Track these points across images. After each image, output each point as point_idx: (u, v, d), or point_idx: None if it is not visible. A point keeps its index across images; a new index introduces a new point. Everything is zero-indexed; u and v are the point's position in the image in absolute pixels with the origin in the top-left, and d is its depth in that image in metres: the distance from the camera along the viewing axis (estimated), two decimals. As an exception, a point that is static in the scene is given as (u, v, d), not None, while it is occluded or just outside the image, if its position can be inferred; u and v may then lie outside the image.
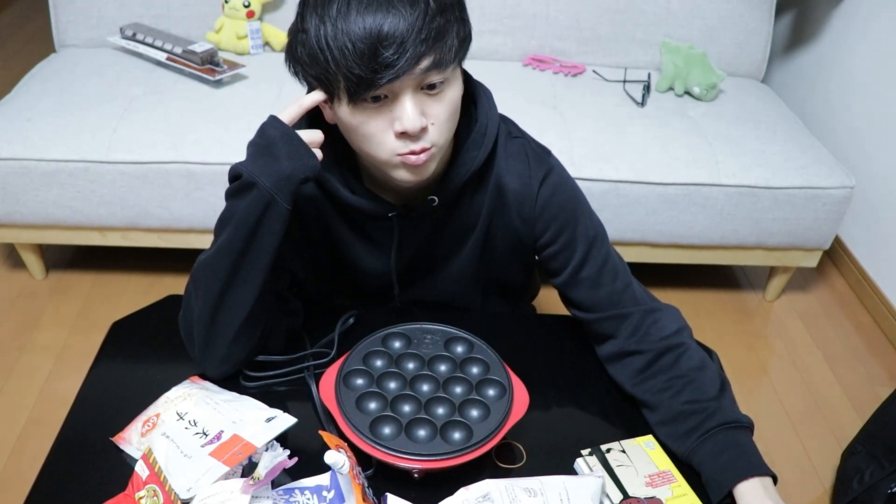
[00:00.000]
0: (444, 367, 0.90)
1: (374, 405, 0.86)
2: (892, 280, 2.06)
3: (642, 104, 2.04)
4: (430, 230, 1.01)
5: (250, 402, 0.88)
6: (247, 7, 2.05)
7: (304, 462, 0.79)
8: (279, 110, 0.86)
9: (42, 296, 2.00)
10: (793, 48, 2.52)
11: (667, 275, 2.15)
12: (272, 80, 1.96)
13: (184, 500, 0.76)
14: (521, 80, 2.13)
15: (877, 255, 2.12)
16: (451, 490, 0.77)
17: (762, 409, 1.82)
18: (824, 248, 1.98)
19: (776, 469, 0.86)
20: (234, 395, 0.90)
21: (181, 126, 1.79)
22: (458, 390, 0.88)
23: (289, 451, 0.77)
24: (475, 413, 0.85)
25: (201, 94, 1.92)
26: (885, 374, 1.94)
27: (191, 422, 0.83)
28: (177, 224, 1.84)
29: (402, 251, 1.02)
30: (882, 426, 1.47)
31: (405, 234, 1.00)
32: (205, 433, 0.81)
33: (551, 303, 1.18)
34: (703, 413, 0.89)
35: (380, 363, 0.90)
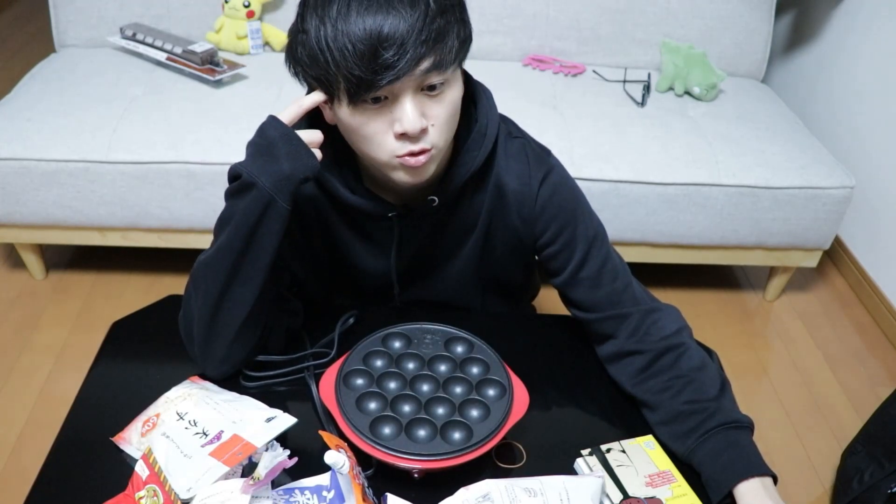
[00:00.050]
0: (444, 367, 0.90)
1: (374, 405, 0.86)
2: (892, 280, 2.06)
3: (642, 104, 2.04)
4: (430, 230, 1.01)
5: (250, 402, 0.88)
6: (247, 7, 2.05)
7: (304, 462, 0.79)
8: (279, 110, 0.86)
9: (42, 296, 2.00)
10: (793, 48, 2.52)
11: (667, 275, 2.15)
12: (272, 81, 1.96)
13: (184, 500, 0.76)
14: (521, 80, 2.13)
15: (877, 255, 2.12)
16: (451, 490, 0.77)
17: (762, 409, 1.82)
18: (824, 248, 1.98)
19: (776, 469, 0.86)
20: (234, 395, 0.90)
21: (181, 126, 1.79)
22: (458, 390, 0.88)
23: (289, 451, 0.77)
24: (475, 413, 0.85)
25: (201, 94, 1.92)
26: (885, 374, 1.94)
27: (191, 422, 0.83)
28: (177, 224, 1.84)
29: (402, 251, 1.02)
30: (882, 426, 1.47)
31: (405, 234, 1.00)
32: (205, 433, 0.81)
33: (551, 303, 1.17)
34: (703, 413, 0.89)
35: (380, 363, 0.90)
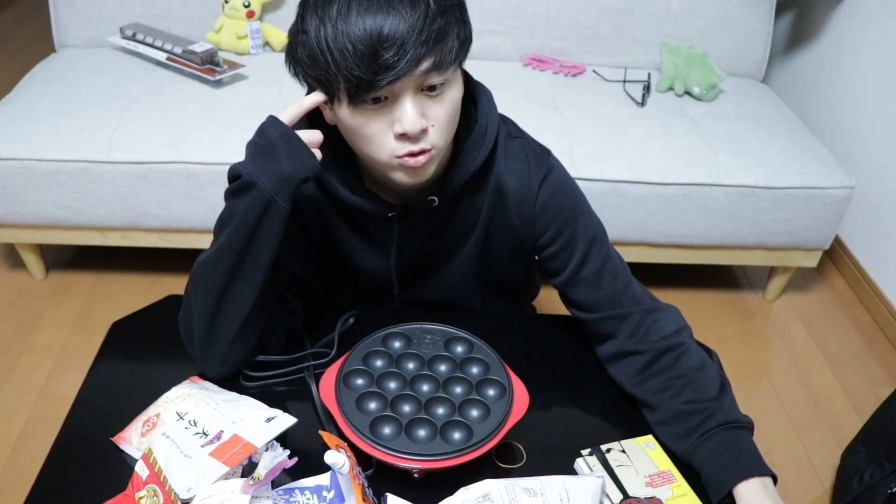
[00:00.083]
0: (444, 367, 0.90)
1: (374, 405, 0.86)
2: (892, 280, 2.06)
3: (642, 104, 2.04)
4: (430, 230, 1.01)
5: (250, 402, 0.88)
6: (247, 7, 2.05)
7: (304, 462, 0.79)
8: (279, 110, 0.86)
9: (42, 296, 2.00)
10: (793, 48, 2.52)
11: (667, 275, 2.15)
12: (272, 81, 1.96)
13: (184, 500, 0.76)
14: (521, 80, 2.13)
15: (877, 255, 2.12)
16: (451, 490, 0.77)
17: (762, 409, 1.82)
18: (824, 248, 1.98)
19: (776, 469, 0.86)
20: (234, 395, 0.90)
21: (181, 126, 1.79)
22: (458, 390, 0.88)
23: (289, 451, 0.77)
24: (475, 413, 0.85)
25: (201, 94, 1.92)
26: (885, 374, 1.94)
27: (191, 422, 0.83)
28: (177, 224, 1.84)
29: (402, 251, 1.02)
30: (882, 426, 1.47)
31: (405, 234, 1.00)
32: (205, 433, 0.81)
33: (551, 303, 1.17)
34: (703, 413, 0.89)
35: (380, 363, 0.90)
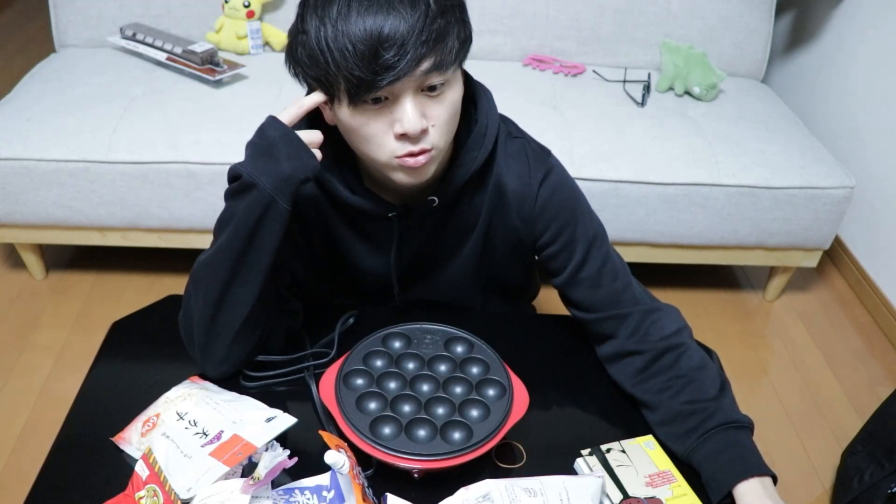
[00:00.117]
0: (444, 367, 0.90)
1: (374, 405, 0.86)
2: (892, 280, 2.06)
3: (642, 104, 2.04)
4: (430, 230, 1.01)
5: (250, 402, 0.88)
6: (247, 7, 2.05)
7: (304, 462, 0.79)
8: (279, 110, 0.86)
9: (42, 296, 2.00)
10: (793, 48, 2.52)
11: (667, 275, 2.15)
12: (272, 81, 1.96)
13: (184, 500, 0.76)
14: (521, 80, 2.13)
15: (877, 255, 2.12)
16: (451, 490, 0.77)
17: (762, 409, 1.82)
18: (824, 248, 1.98)
19: (776, 469, 0.86)
20: (234, 395, 0.90)
21: (181, 126, 1.79)
22: (458, 390, 0.88)
23: (289, 451, 0.77)
24: (475, 413, 0.85)
25: (201, 94, 1.92)
26: (885, 374, 1.94)
27: (191, 422, 0.83)
28: (177, 224, 1.84)
29: (402, 251, 1.02)
30: (882, 426, 1.47)
31: (405, 234, 1.00)
32: (205, 433, 0.81)
33: (551, 303, 1.17)
34: (702, 413, 0.89)
35: (380, 363, 0.90)
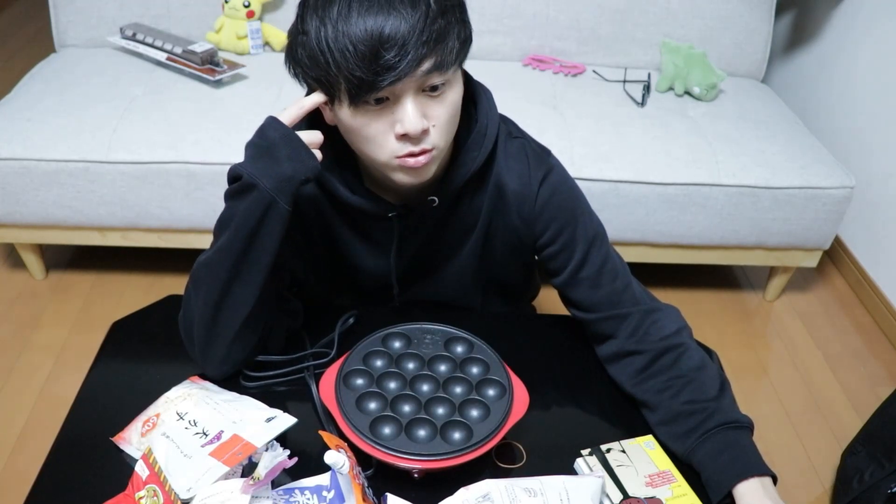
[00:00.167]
0: (444, 367, 0.90)
1: (374, 405, 0.86)
2: (892, 280, 2.06)
3: (642, 104, 2.04)
4: (430, 230, 1.01)
5: (250, 402, 0.88)
6: (247, 7, 2.05)
7: (304, 462, 0.79)
8: (279, 111, 0.86)
9: (42, 296, 2.00)
10: (793, 48, 2.52)
11: (667, 275, 2.15)
12: (272, 81, 1.96)
13: (184, 500, 0.76)
14: (521, 80, 2.13)
15: (877, 255, 2.12)
16: (451, 490, 0.77)
17: (762, 409, 1.82)
18: (824, 248, 1.98)
19: (776, 469, 0.86)
20: (234, 395, 0.90)
21: (181, 126, 1.79)
22: (458, 390, 0.88)
23: (289, 451, 0.77)
24: (475, 413, 0.85)
25: (201, 94, 1.92)
26: (885, 374, 1.94)
27: (191, 422, 0.83)
28: (177, 224, 1.84)
29: (402, 251, 1.02)
30: (882, 426, 1.47)
31: (405, 234, 1.00)
32: (205, 433, 0.81)
33: (551, 303, 1.17)
34: (702, 413, 0.89)
35: (380, 363, 0.90)
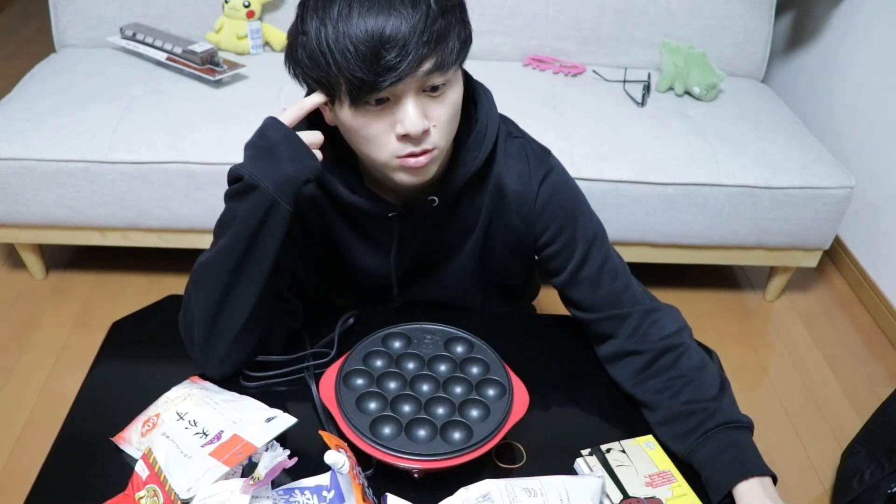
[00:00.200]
0: (444, 367, 0.90)
1: (374, 405, 0.86)
2: (892, 280, 2.06)
3: (642, 104, 2.04)
4: (430, 230, 1.01)
5: (250, 402, 0.88)
6: (247, 7, 2.05)
7: (304, 462, 0.79)
8: (278, 111, 0.86)
9: (42, 296, 2.00)
10: (793, 48, 2.52)
11: (667, 275, 2.15)
12: (272, 81, 1.96)
13: (184, 500, 0.76)
14: (521, 80, 2.13)
15: (877, 255, 2.12)
16: (451, 490, 0.77)
17: (762, 409, 1.82)
18: (824, 248, 1.98)
19: (776, 469, 0.86)
20: (234, 395, 0.90)
21: (181, 126, 1.79)
22: (458, 390, 0.88)
23: (289, 451, 0.77)
24: (475, 413, 0.85)
25: (201, 94, 1.92)
26: (885, 374, 1.94)
27: (191, 422, 0.83)
28: (177, 224, 1.84)
29: (402, 251, 1.02)
30: (882, 426, 1.47)
31: (405, 234, 1.00)
32: (205, 433, 0.81)
33: (551, 303, 1.17)
34: (702, 413, 0.89)
35: (380, 363, 0.90)
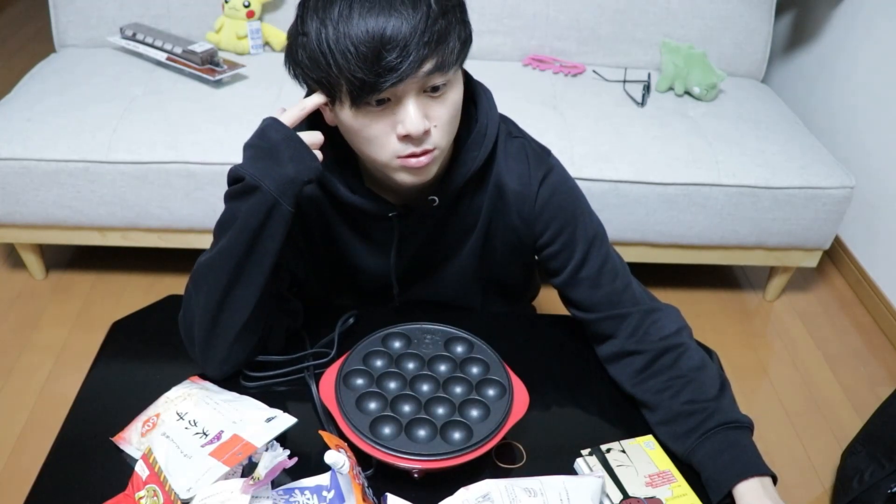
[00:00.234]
0: (444, 367, 0.90)
1: (374, 405, 0.86)
2: (892, 280, 2.06)
3: (642, 104, 2.04)
4: (430, 230, 1.01)
5: (250, 402, 0.88)
6: (247, 7, 2.05)
7: (304, 462, 0.79)
8: (278, 111, 0.86)
9: (42, 296, 2.00)
10: (793, 48, 2.52)
11: (667, 275, 2.15)
12: (272, 81, 1.96)
13: (184, 500, 0.76)
14: (521, 80, 2.13)
15: (877, 255, 2.12)
16: (451, 490, 0.77)
17: (762, 409, 1.82)
18: (824, 248, 1.98)
19: (776, 469, 0.86)
20: (234, 395, 0.90)
21: (181, 126, 1.79)
22: (458, 390, 0.88)
23: (289, 451, 0.77)
24: (475, 413, 0.85)
25: (201, 94, 1.92)
26: (885, 374, 1.94)
27: (191, 422, 0.83)
28: (177, 224, 1.84)
29: (402, 251, 1.02)
30: (882, 426, 1.47)
31: (405, 234, 1.00)
32: (205, 433, 0.81)
33: (551, 303, 1.18)
34: (702, 413, 0.89)
35: (380, 363, 0.90)
